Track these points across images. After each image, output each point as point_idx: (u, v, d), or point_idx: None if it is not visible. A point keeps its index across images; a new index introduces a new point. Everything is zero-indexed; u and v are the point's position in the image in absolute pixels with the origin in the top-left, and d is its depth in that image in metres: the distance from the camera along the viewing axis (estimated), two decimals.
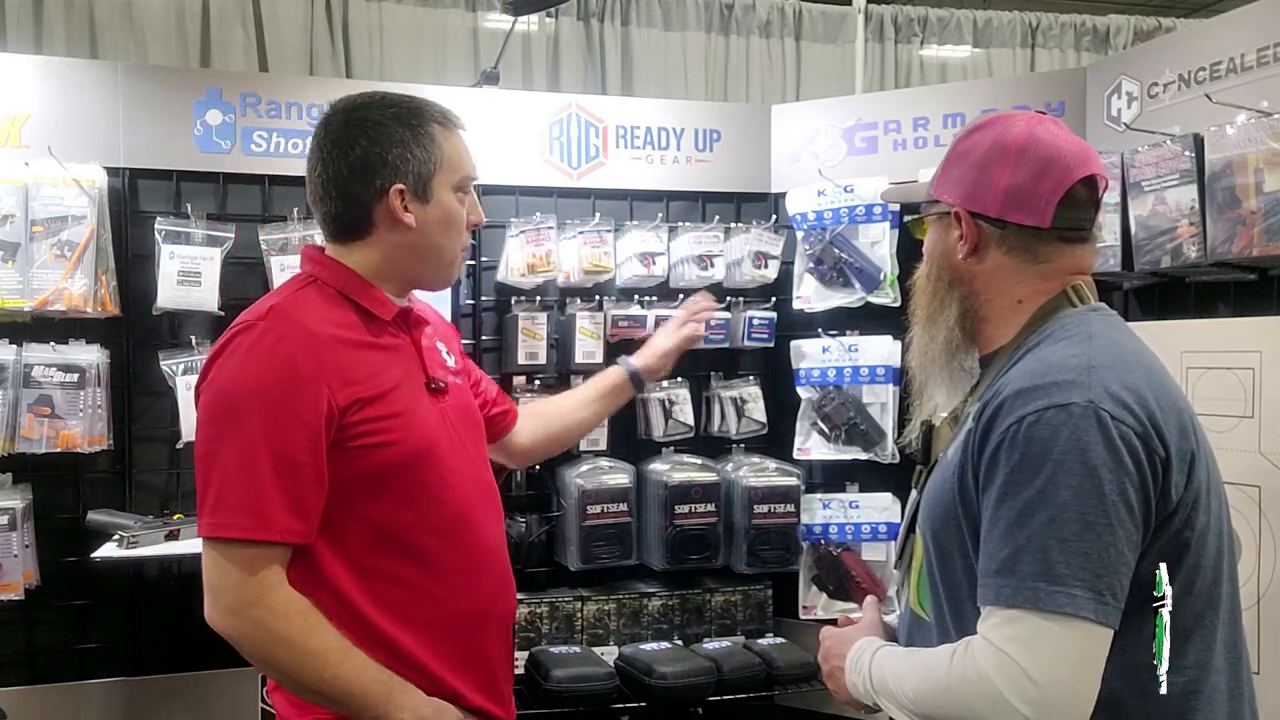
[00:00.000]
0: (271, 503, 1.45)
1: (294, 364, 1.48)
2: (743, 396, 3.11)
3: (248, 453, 1.45)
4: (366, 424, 1.53)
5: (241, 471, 1.45)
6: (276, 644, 1.47)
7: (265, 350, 1.49)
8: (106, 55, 4.37)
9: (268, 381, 1.47)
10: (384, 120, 1.59)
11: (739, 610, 3.09)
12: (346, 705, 1.49)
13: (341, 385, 1.50)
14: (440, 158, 1.61)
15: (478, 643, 1.64)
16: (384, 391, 1.55)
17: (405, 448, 1.56)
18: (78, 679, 2.72)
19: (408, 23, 4.87)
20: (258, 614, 1.46)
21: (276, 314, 1.53)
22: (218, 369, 1.52)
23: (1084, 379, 1.20)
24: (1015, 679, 1.14)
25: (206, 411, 1.51)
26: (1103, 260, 2.48)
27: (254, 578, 1.45)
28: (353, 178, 1.58)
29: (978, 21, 5.71)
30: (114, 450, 2.68)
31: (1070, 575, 1.14)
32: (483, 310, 3.00)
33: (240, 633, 1.47)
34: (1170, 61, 2.56)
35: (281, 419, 1.46)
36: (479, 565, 1.64)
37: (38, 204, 2.55)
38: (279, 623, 1.46)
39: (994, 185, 1.34)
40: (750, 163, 3.25)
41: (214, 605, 1.48)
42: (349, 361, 1.53)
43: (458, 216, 1.66)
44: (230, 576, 1.46)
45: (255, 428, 1.46)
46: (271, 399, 1.46)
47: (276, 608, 1.46)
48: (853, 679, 1.38)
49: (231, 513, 1.45)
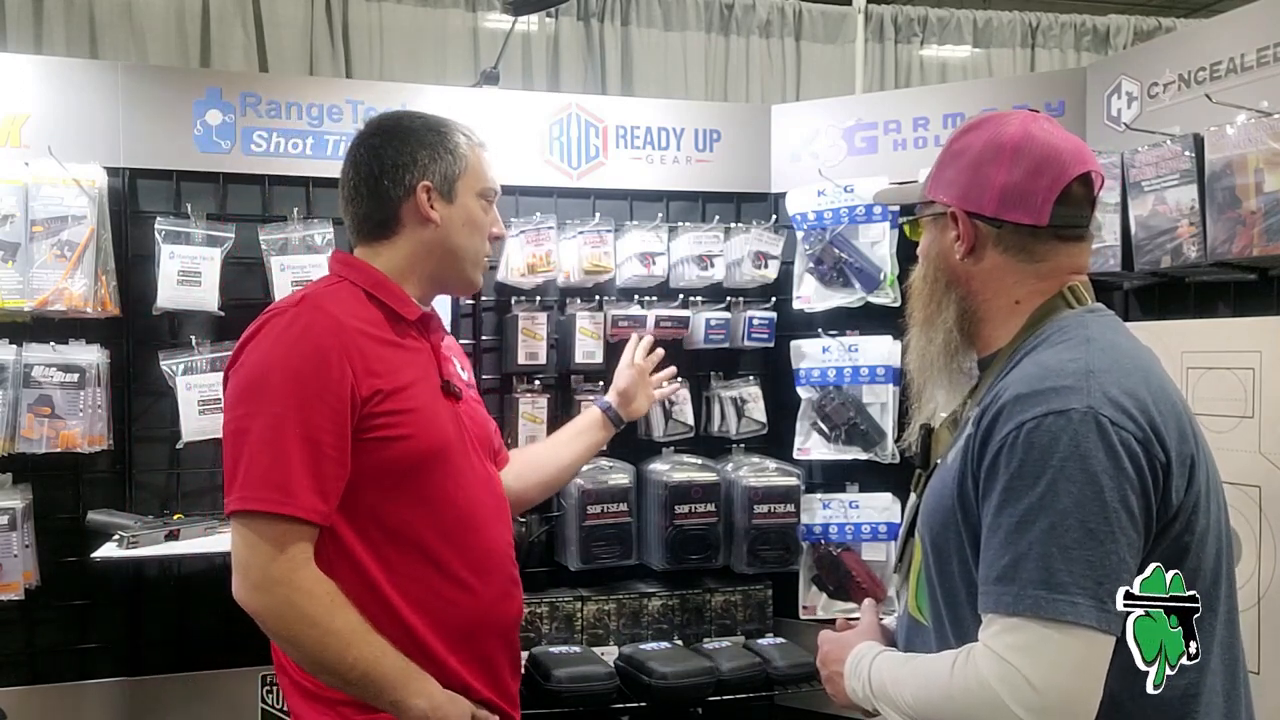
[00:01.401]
0: (297, 480, 1.49)
1: (323, 348, 1.53)
2: (743, 396, 3.11)
3: (276, 429, 1.49)
4: (385, 416, 1.57)
5: (269, 448, 1.49)
6: (301, 622, 1.49)
7: (296, 334, 1.54)
8: (106, 55, 4.37)
9: (296, 363, 1.52)
10: (414, 127, 1.71)
11: (739, 610, 3.09)
12: (364, 688, 1.52)
13: (365, 375, 1.55)
14: (465, 165, 1.72)
15: (484, 642, 1.67)
16: (402, 386, 1.60)
17: (420, 444, 1.60)
18: (78, 679, 2.72)
19: (408, 23, 4.87)
20: (284, 591, 1.49)
21: (308, 303, 1.60)
22: (249, 351, 1.57)
23: (1083, 384, 1.20)
24: (1017, 687, 1.14)
25: (236, 391, 1.56)
26: (1103, 260, 2.48)
27: (282, 554, 1.49)
28: (383, 176, 1.68)
29: (978, 21, 5.71)
30: (114, 450, 2.68)
31: (1072, 583, 1.14)
32: (483, 310, 3.00)
33: (266, 609, 1.50)
34: (1170, 61, 2.56)
35: (309, 399, 1.50)
36: (485, 569, 1.67)
37: (38, 204, 2.55)
38: (305, 601, 1.49)
39: (990, 184, 1.34)
40: (750, 163, 3.25)
41: (242, 581, 1.51)
42: (372, 354, 1.58)
43: (481, 221, 1.75)
44: (259, 553, 1.49)
45: (283, 406, 1.50)
46: (300, 380, 1.51)
47: (303, 586, 1.49)
48: (852, 684, 1.38)
49: (259, 486, 1.49)
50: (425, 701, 1.53)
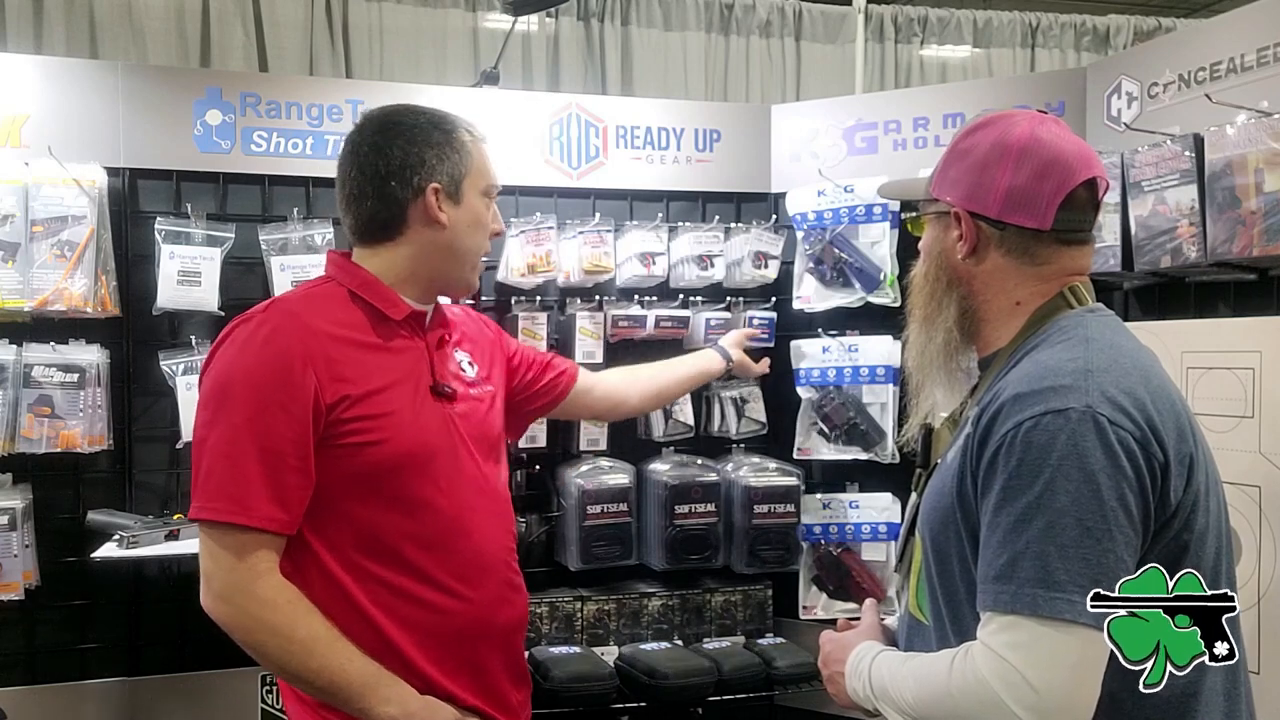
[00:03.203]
0: (253, 489, 1.48)
1: (285, 355, 1.51)
2: (743, 396, 3.11)
3: (233, 439, 1.48)
4: (354, 422, 1.54)
5: (226, 457, 1.48)
6: (262, 631, 1.49)
7: (260, 341, 1.52)
8: (106, 55, 4.37)
9: (257, 371, 1.50)
10: (419, 125, 1.66)
11: (739, 610, 3.09)
12: (332, 695, 1.51)
13: (330, 381, 1.53)
14: (470, 163, 1.69)
15: (473, 651, 1.63)
16: (374, 390, 1.57)
17: (393, 448, 1.57)
18: (78, 679, 2.72)
19: (408, 23, 4.87)
20: (243, 601, 1.48)
21: (275, 308, 1.58)
22: (216, 359, 1.56)
23: (1081, 384, 1.20)
24: (1014, 685, 1.14)
25: (202, 398, 1.55)
26: (1103, 260, 2.48)
27: (242, 564, 1.48)
28: (390, 177, 1.63)
29: (978, 21, 5.70)
30: (114, 450, 2.68)
31: (1069, 581, 1.14)
32: (483, 310, 2.99)
33: (229, 618, 1.49)
34: (1170, 61, 2.55)
35: (268, 408, 1.49)
36: (475, 574, 1.63)
37: (38, 204, 2.55)
38: (265, 611, 1.48)
39: (995, 186, 1.34)
40: (750, 163, 3.25)
41: (206, 590, 1.51)
42: (342, 359, 1.56)
43: (484, 220, 1.73)
44: (220, 562, 1.49)
45: (242, 415, 1.49)
46: (260, 388, 1.49)
47: (263, 596, 1.48)
48: (853, 684, 1.38)
49: (214, 496, 1.48)
50: (395, 708, 1.51)
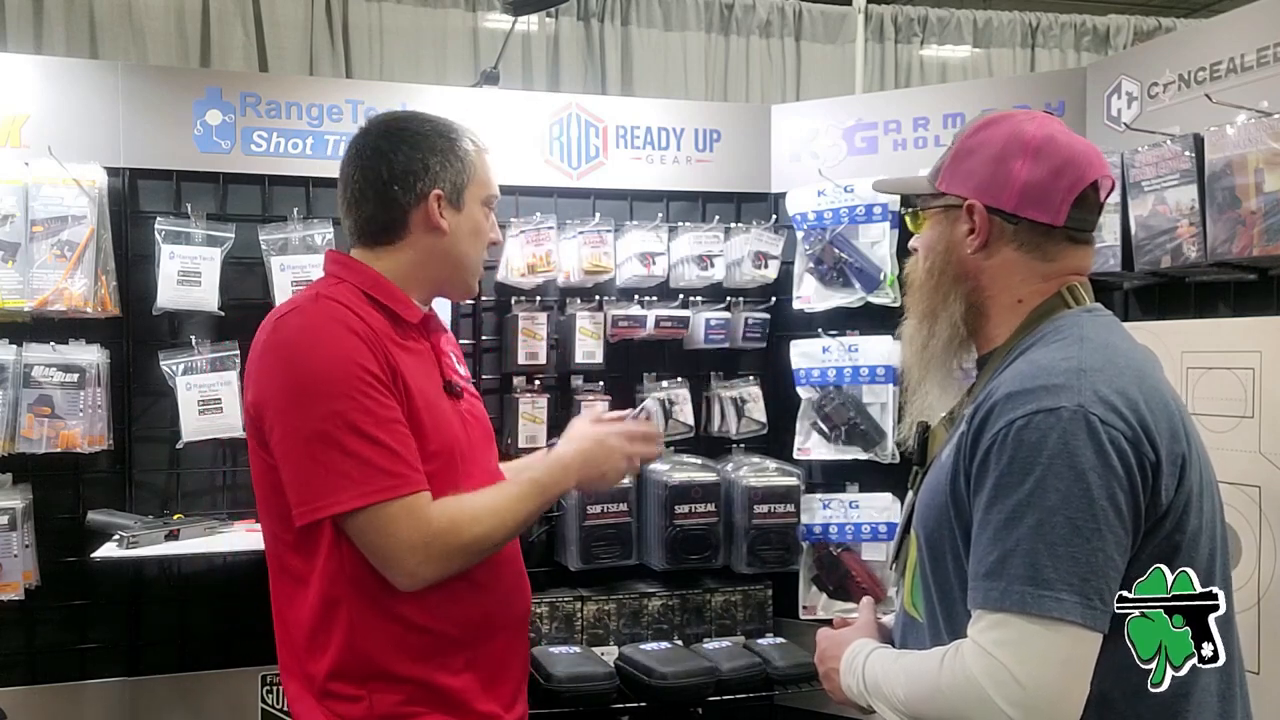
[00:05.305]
0: (402, 459, 1.52)
1: (356, 336, 1.53)
2: (743, 396, 3.11)
3: (347, 425, 1.49)
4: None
5: (359, 439, 1.49)
6: (467, 550, 1.55)
7: (327, 328, 1.54)
8: (106, 55, 4.37)
9: (340, 357, 1.52)
10: (424, 132, 1.68)
11: (739, 610, 3.09)
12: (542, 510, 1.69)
13: (392, 375, 1.56)
14: (473, 172, 1.71)
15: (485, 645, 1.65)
16: (414, 389, 1.59)
17: (430, 445, 1.58)
18: (78, 679, 2.72)
19: (408, 23, 4.87)
20: (440, 545, 1.52)
21: (324, 300, 1.59)
22: (280, 352, 1.55)
23: (1074, 383, 1.21)
24: (1002, 682, 1.14)
25: (290, 394, 1.52)
26: (1103, 260, 2.48)
27: (422, 520, 1.51)
28: (393, 181, 1.65)
29: (978, 21, 5.70)
30: (114, 450, 2.69)
31: (1058, 579, 1.15)
32: (483, 310, 3.00)
33: (443, 570, 1.54)
34: (1170, 61, 2.56)
35: (364, 389, 1.51)
36: (491, 570, 1.65)
37: (38, 204, 2.55)
38: (455, 535, 1.53)
39: (1012, 179, 1.34)
40: (750, 163, 3.25)
41: (400, 570, 1.52)
42: (390, 353, 1.58)
43: (484, 229, 1.74)
44: (402, 531, 1.50)
45: (346, 401, 1.50)
46: (350, 373, 1.51)
47: (443, 527, 1.53)
48: (847, 681, 1.38)
49: (377, 476, 1.50)
50: (562, 475, 1.69)
